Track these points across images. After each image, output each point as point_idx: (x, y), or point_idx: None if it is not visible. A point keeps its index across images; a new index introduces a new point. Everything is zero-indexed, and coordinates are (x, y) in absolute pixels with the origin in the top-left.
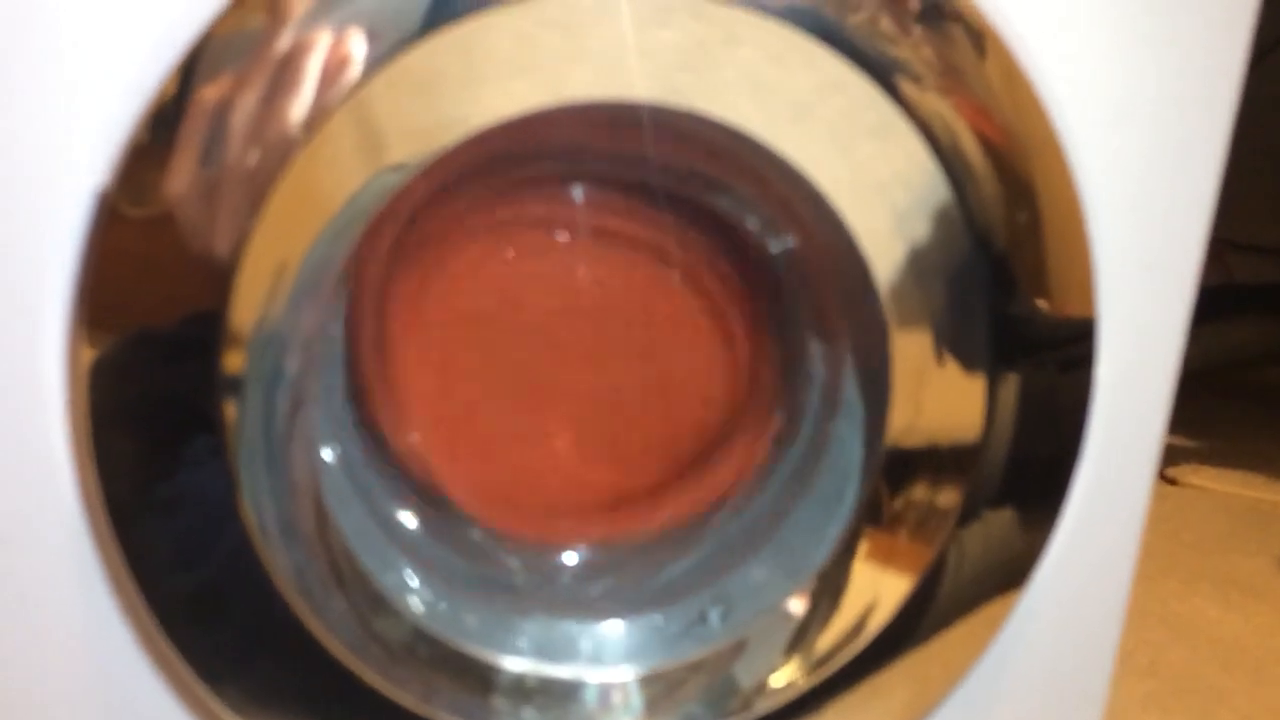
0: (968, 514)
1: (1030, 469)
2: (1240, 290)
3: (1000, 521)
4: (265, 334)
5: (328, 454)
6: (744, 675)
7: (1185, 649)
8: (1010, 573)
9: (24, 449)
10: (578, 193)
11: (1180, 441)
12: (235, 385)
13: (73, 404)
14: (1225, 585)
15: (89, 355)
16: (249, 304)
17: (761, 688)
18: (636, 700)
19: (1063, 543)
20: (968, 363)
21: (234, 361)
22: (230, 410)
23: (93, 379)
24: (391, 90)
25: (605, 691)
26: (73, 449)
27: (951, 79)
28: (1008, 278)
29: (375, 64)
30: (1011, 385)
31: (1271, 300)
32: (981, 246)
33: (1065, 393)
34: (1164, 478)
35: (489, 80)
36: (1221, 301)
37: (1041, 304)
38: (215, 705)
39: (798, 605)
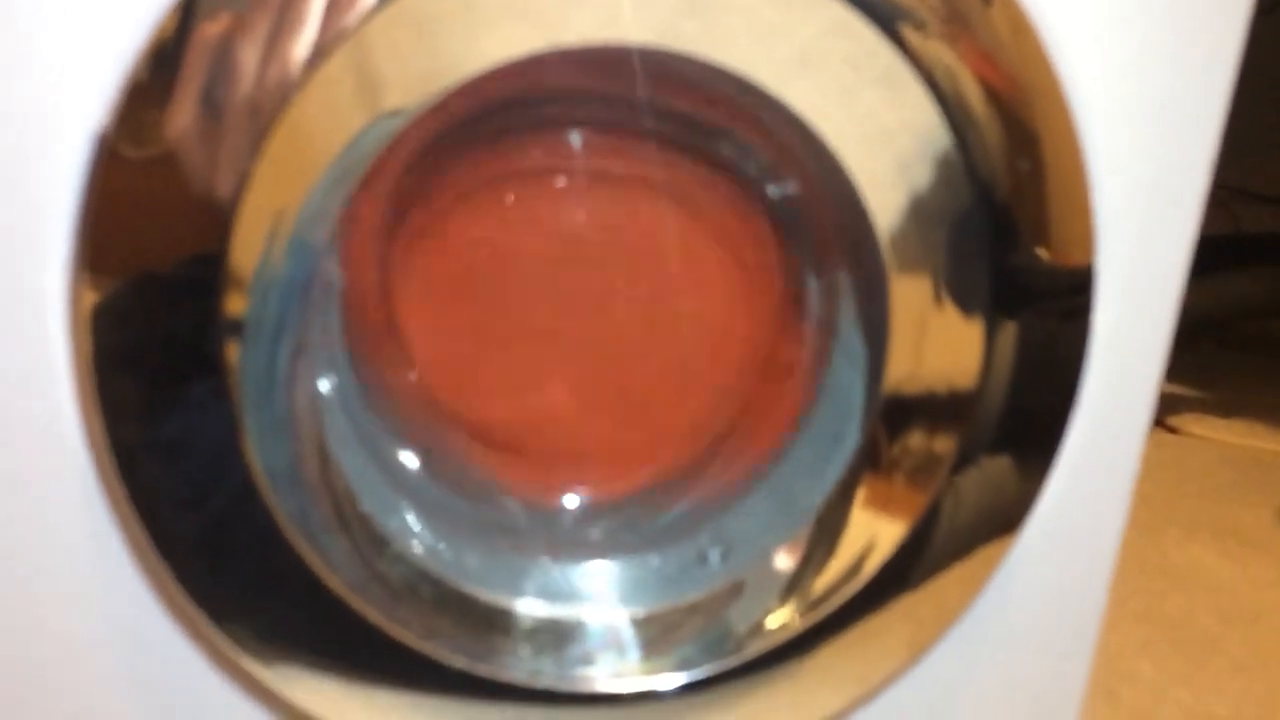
0: (964, 460)
1: (1026, 416)
2: (1248, 240)
3: (996, 468)
4: (266, 277)
5: (327, 391)
6: (740, 617)
7: (1182, 597)
8: (1005, 518)
9: (28, 394)
10: (577, 138)
11: (1184, 391)
12: (237, 328)
13: (76, 348)
14: (1225, 535)
15: (91, 299)
16: (250, 246)
17: (756, 629)
18: (633, 641)
19: (1057, 489)
20: (967, 309)
21: (235, 304)
22: (232, 353)
23: (95, 323)
24: (389, 34)
25: (603, 632)
26: (77, 393)
27: (956, 26)
28: (1009, 226)
29: (374, 6)
30: (1010, 333)
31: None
32: (983, 194)
33: (1063, 341)
34: (1166, 427)
35: (487, 24)
36: (1229, 251)
37: (1041, 252)
38: (223, 644)
39: (795, 548)
